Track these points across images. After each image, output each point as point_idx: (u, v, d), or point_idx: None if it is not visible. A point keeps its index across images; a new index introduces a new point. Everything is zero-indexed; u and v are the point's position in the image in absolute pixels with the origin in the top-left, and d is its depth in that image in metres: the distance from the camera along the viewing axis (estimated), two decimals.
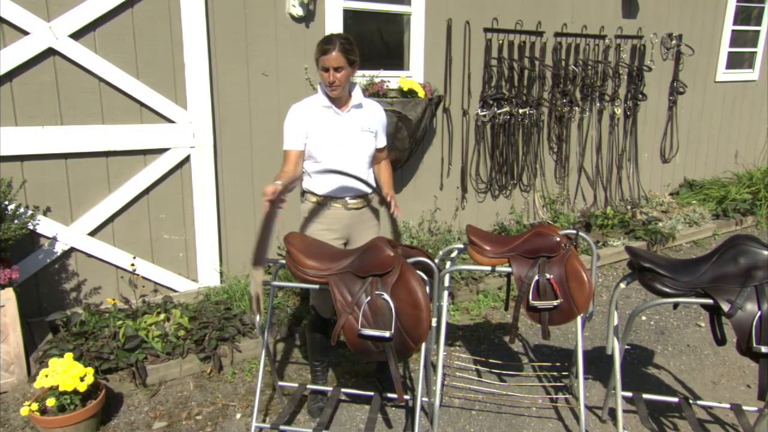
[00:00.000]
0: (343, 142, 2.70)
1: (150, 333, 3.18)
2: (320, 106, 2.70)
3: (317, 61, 2.61)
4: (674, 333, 3.84)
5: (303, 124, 2.68)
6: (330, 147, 2.69)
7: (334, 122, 2.70)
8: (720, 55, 6.62)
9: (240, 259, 4.14)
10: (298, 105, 2.73)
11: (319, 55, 2.59)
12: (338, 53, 2.56)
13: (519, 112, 5.20)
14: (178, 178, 3.81)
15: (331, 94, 2.65)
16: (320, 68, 2.61)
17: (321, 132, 2.68)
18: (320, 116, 2.69)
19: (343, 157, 2.70)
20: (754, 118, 7.28)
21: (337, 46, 2.55)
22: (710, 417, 2.89)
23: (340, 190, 2.74)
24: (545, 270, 2.56)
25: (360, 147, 2.73)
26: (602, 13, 5.55)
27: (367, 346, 2.28)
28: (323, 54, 2.57)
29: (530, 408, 2.95)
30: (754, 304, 2.25)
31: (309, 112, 2.69)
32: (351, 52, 2.62)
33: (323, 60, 2.58)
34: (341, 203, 2.76)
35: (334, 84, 2.59)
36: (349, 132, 2.71)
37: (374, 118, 2.81)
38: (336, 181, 2.72)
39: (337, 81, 2.58)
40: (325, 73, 2.59)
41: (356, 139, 2.72)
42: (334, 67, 2.56)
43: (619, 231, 5.45)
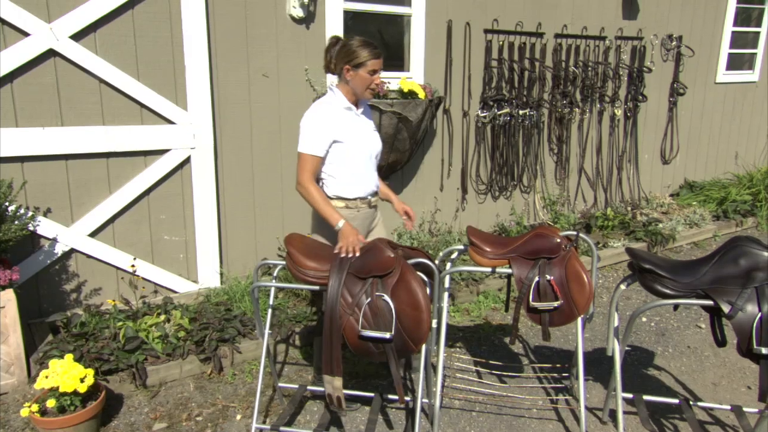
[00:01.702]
0: (366, 143, 2.76)
1: (150, 334, 3.18)
2: (342, 108, 2.69)
3: (361, 65, 2.61)
4: (675, 334, 3.84)
5: (330, 130, 2.64)
6: (359, 149, 2.72)
7: (356, 124, 2.73)
8: (720, 57, 6.62)
9: (240, 260, 4.14)
10: (323, 108, 2.65)
11: (367, 59, 2.60)
12: (382, 57, 2.66)
13: (519, 113, 5.20)
14: (178, 179, 3.81)
15: (368, 96, 2.71)
16: (367, 71, 2.62)
17: (349, 134, 2.68)
18: (345, 119, 2.69)
19: (367, 157, 2.76)
20: (754, 119, 7.28)
21: (380, 50, 2.65)
22: (711, 418, 2.89)
23: (365, 190, 2.79)
24: (546, 271, 2.55)
25: (377, 147, 2.83)
26: (602, 14, 5.56)
27: (368, 348, 2.28)
28: (375, 57, 2.61)
29: (531, 409, 2.94)
30: (755, 306, 2.25)
31: (336, 116, 2.66)
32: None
33: (375, 63, 2.62)
34: (366, 203, 2.81)
35: (378, 86, 2.70)
36: (367, 132, 2.78)
37: (372, 119, 2.90)
38: (365, 182, 2.77)
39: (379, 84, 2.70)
40: (374, 76, 2.65)
41: (373, 138, 2.81)
42: (381, 69, 2.67)
43: (619, 232, 5.45)
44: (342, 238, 2.50)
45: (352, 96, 2.71)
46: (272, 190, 4.20)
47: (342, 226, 2.56)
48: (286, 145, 4.18)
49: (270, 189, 4.19)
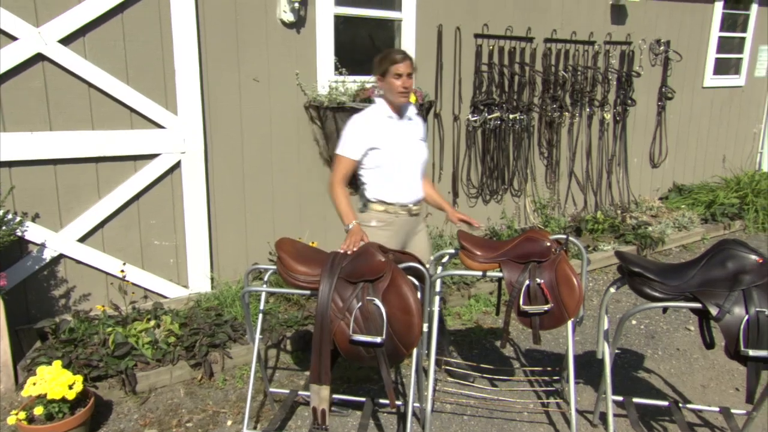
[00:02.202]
0: (407, 152, 2.83)
1: (140, 340, 3.16)
2: (384, 116, 2.81)
3: (386, 72, 2.73)
4: (664, 337, 3.87)
5: (369, 136, 2.76)
6: (398, 156, 2.80)
7: (398, 132, 2.82)
8: (707, 61, 6.70)
9: (231, 264, 4.12)
10: (364, 115, 2.81)
11: (389, 65, 2.72)
12: (408, 62, 2.73)
13: (510, 118, 5.23)
14: (168, 183, 3.79)
15: (402, 100, 2.78)
16: (392, 76, 2.72)
17: (389, 142, 2.78)
18: (386, 126, 2.79)
19: (407, 165, 2.83)
20: (741, 123, 7.37)
21: (407, 56, 2.73)
22: (700, 420, 2.91)
23: (405, 196, 2.85)
24: (536, 275, 2.56)
25: (419, 155, 2.89)
26: (591, 19, 5.60)
27: (359, 352, 2.28)
28: (396, 63, 2.71)
29: (522, 413, 2.95)
30: (742, 308, 2.27)
31: (375, 123, 2.78)
32: (414, 63, 2.79)
33: (396, 68, 2.71)
34: (406, 210, 2.87)
35: (407, 89, 2.74)
36: (410, 141, 2.86)
37: (421, 128, 2.97)
38: (404, 189, 2.84)
39: (409, 86, 2.74)
40: (398, 80, 2.72)
41: (416, 147, 2.88)
42: (407, 73, 2.72)
43: (609, 235, 5.48)
44: (350, 235, 2.60)
45: (391, 104, 2.81)
46: (263, 195, 4.19)
47: (353, 227, 2.65)
48: (276, 150, 4.18)
49: (261, 193, 4.18)
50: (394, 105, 2.82)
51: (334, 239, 4.49)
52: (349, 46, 4.42)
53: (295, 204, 4.35)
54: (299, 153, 4.29)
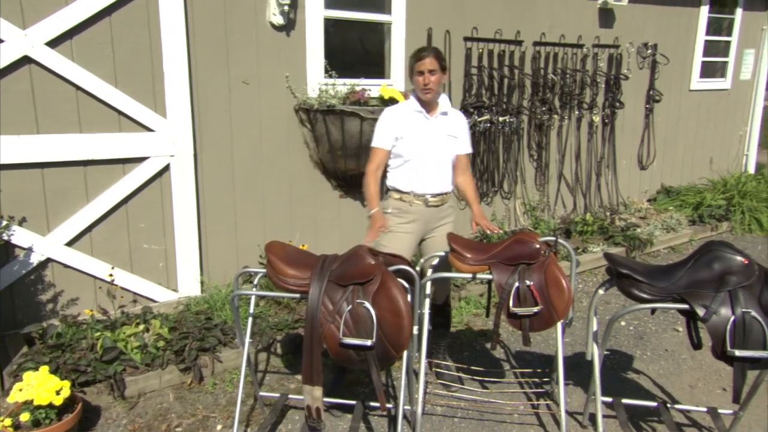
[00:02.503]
0: (430, 145, 2.96)
1: (129, 344, 3.14)
2: (412, 110, 2.97)
3: (412, 69, 2.90)
4: (653, 338, 3.90)
5: (394, 126, 2.95)
6: (418, 148, 2.95)
7: (423, 126, 2.97)
8: (694, 65, 6.77)
9: (221, 268, 4.10)
10: (392, 108, 3.04)
11: (414, 62, 2.88)
12: (432, 58, 2.84)
13: (499, 120, 5.26)
14: (157, 186, 3.77)
15: (425, 97, 2.91)
16: (416, 74, 2.88)
17: (411, 134, 2.95)
18: (411, 119, 2.96)
19: (429, 158, 2.96)
20: (727, 125, 7.45)
21: (431, 53, 2.85)
22: (688, 420, 2.93)
23: (422, 187, 2.98)
24: (525, 277, 2.58)
25: (444, 151, 3.00)
26: (580, 22, 5.65)
27: (349, 355, 2.28)
28: (418, 60, 2.85)
29: (512, 415, 2.96)
30: (728, 309, 2.29)
31: (401, 115, 2.97)
32: (442, 59, 2.89)
33: (419, 65, 2.85)
34: (422, 200, 2.99)
35: (428, 86, 2.86)
36: (436, 136, 2.98)
37: (458, 125, 3.06)
38: (419, 178, 2.97)
39: (431, 84, 2.85)
40: (420, 77, 2.86)
41: (442, 143, 2.99)
42: (429, 70, 2.83)
43: (598, 237, 5.52)
44: (374, 222, 2.87)
45: (420, 100, 2.96)
46: (253, 198, 4.18)
47: (374, 213, 2.90)
48: (266, 152, 4.17)
49: (251, 196, 4.17)
50: (422, 101, 2.95)
51: (325, 242, 4.49)
52: (339, 49, 4.43)
53: (286, 207, 4.34)
54: (289, 156, 4.28)
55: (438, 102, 3.01)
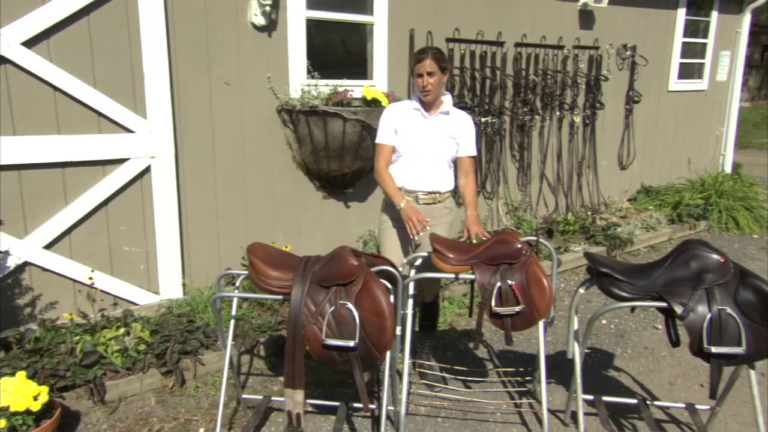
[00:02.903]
0: (424, 143, 2.99)
1: (109, 348, 3.10)
2: (411, 108, 3.03)
3: (413, 71, 2.95)
4: (633, 336, 3.95)
5: (393, 121, 3.02)
6: (412, 145, 2.99)
7: (420, 124, 3.01)
8: (672, 66, 6.88)
9: (203, 270, 4.07)
10: (393, 105, 3.10)
11: (414, 63, 2.93)
12: (431, 60, 2.87)
13: (482, 121, 5.29)
14: (138, 188, 3.73)
15: (425, 98, 2.95)
16: (416, 75, 2.93)
17: (407, 130, 3.00)
18: (410, 117, 3.02)
19: (422, 156, 2.99)
20: (704, 126, 7.58)
21: (429, 55, 2.88)
22: (667, 417, 2.98)
23: (413, 183, 3.03)
24: (507, 276, 2.60)
25: (441, 150, 3.02)
26: (560, 24, 5.70)
27: (332, 356, 2.28)
28: (418, 62, 2.90)
29: (495, 414, 2.98)
30: (705, 307, 2.33)
31: (400, 112, 3.04)
32: (442, 60, 2.92)
33: (418, 67, 2.90)
34: (413, 197, 3.04)
35: (426, 88, 2.90)
36: (432, 135, 3.00)
37: (459, 126, 3.06)
38: (410, 175, 3.02)
39: (430, 85, 2.89)
40: (419, 79, 2.91)
41: (438, 142, 3.01)
42: (428, 72, 2.87)
43: (580, 236, 5.58)
44: (406, 218, 2.87)
45: (420, 99, 3.00)
46: (235, 199, 4.16)
47: (403, 206, 2.91)
48: (249, 154, 4.15)
49: (233, 198, 4.15)
50: (422, 100, 2.99)
51: (308, 243, 4.48)
52: (321, 49, 4.42)
53: (269, 208, 4.32)
54: (272, 157, 4.27)
55: (442, 101, 3.03)
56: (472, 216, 3.04)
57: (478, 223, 3.02)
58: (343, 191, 4.61)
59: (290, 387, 2.28)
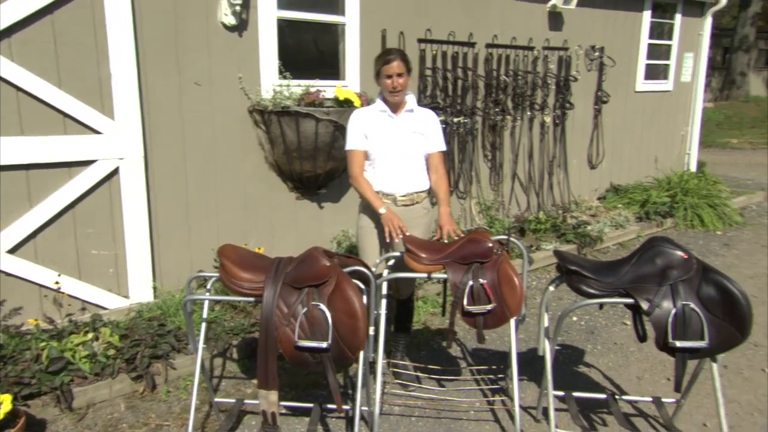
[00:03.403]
0: (394, 143, 3.01)
1: (77, 354, 3.03)
2: (377, 110, 3.06)
3: (379, 72, 2.97)
4: (603, 332, 4.03)
5: (361, 126, 3.03)
6: (383, 147, 3.01)
7: (387, 124, 3.03)
8: (638, 67, 7.04)
9: (174, 273, 4.01)
10: (358, 110, 3.12)
11: (381, 66, 2.94)
12: (399, 61, 2.91)
13: (454, 121, 5.33)
14: (106, 190, 3.66)
15: (394, 98, 2.98)
16: (383, 77, 2.95)
17: (376, 133, 3.01)
18: (376, 119, 3.04)
19: (394, 156, 3.01)
20: (670, 126, 7.77)
21: (397, 56, 2.92)
22: (635, 411, 3.05)
23: (389, 186, 3.04)
24: (479, 275, 2.62)
25: (411, 147, 3.05)
26: (530, 25, 5.78)
27: (305, 358, 2.27)
28: (386, 63, 2.92)
29: (468, 411, 3.01)
30: (670, 302, 2.39)
31: (366, 116, 3.05)
32: (407, 61, 2.97)
33: (386, 69, 2.92)
34: (391, 199, 3.05)
35: (397, 89, 2.93)
36: (400, 133, 3.03)
37: (425, 122, 3.09)
38: (385, 177, 3.03)
39: (399, 86, 2.93)
40: (389, 80, 2.93)
41: (407, 140, 3.03)
42: (397, 73, 2.91)
43: (551, 235, 5.66)
44: (385, 223, 2.89)
45: (386, 100, 3.03)
46: (207, 201, 4.11)
47: (384, 212, 2.92)
48: (220, 155, 4.11)
49: (205, 199, 4.10)
50: (388, 101, 3.02)
51: (281, 244, 4.45)
52: (293, 50, 4.40)
53: (241, 210, 4.29)
54: (244, 158, 4.23)
55: (405, 101, 3.06)
56: (446, 213, 3.06)
57: (451, 221, 3.05)
58: (317, 192, 4.59)
59: (264, 388, 2.27)
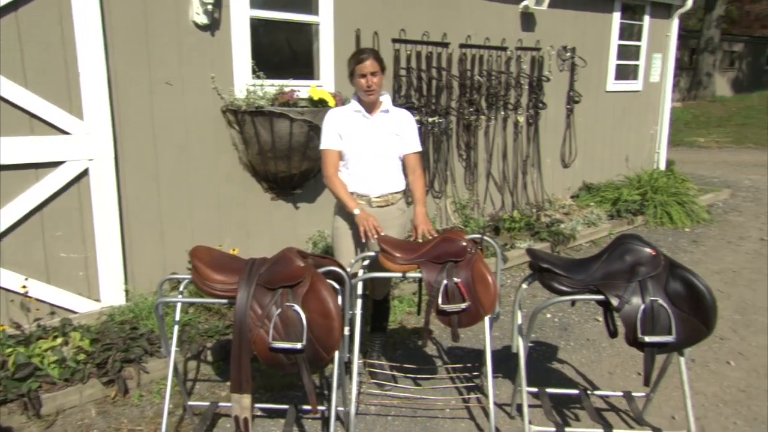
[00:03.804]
0: (369, 143, 2.99)
1: (45, 359, 2.97)
2: (352, 111, 3.03)
3: (353, 72, 2.94)
4: (576, 328, 4.09)
5: (335, 126, 3.01)
6: (358, 147, 2.99)
7: (362, 124, 3.01)
8: (609, 67, 7.16)
9: (147, 275, 3.95)
10: (333, 110, 3.10)
11: (354, 66, 2.92)
12: (373, 60, 2.89)
13: (428, 121, 5.36)
14: (75, 192, 3.59)
15: (368, 98, 2.96)
16: (357, 77, 2.92)
17: (351, 133, 2.99)
18: (351, 119, 3.02)
19: (369, 156, 3.00)
20: (640, 125, 7.93)
21: (371, 55, 2.90)
22: (607, 405, 3.10)
23: (364, 187, 3.03)
24: (453, 274, 2.64)
25: (386, 148, 3.04)
26: (503, 26, 5.84)
27: (279, 359, 2.26)
28: (359, 63, 2.89)
29: (444, 410, 3.03)
30: (639, 298, 2.45)
31: (341, 116, 3.03)
32: (381, 60, 2.95)
33: (360, 68, 2.89)
34: (365, 200, 3.04)
35: (371, 88, 2.91)
36: (375, 134, 3.01)
37: (401, 122, 3.08)
38: (360, 178, 3.02)
39: (374, 85, 2.91)
40: (363, 80, 2.91)
41: (383, 140, 3.02)
42: (371, 72, 2.89)
43: (525, 233, 5.73)
44: (360, 223, 2.87)
45: (361, 100, 3.01)
46: (180, 202, 4.06)
47: (358, 213, 2.90)
48: (193, 155, 4.06)
49: (178, 200, 4.04)
50: (363, 101, 3.00)
51: (256, 246, 4.42)
52: (267, 49, 4.37)
53: (215, 211, 4.24)
54: (217, 158, 4.19)
55: (381, 101, 3.05)
56: (421, 213, 3.08)
57: (426, 221, 3.07)
58: (292, 192, 4.57)
59: (237, 392, 2.25)
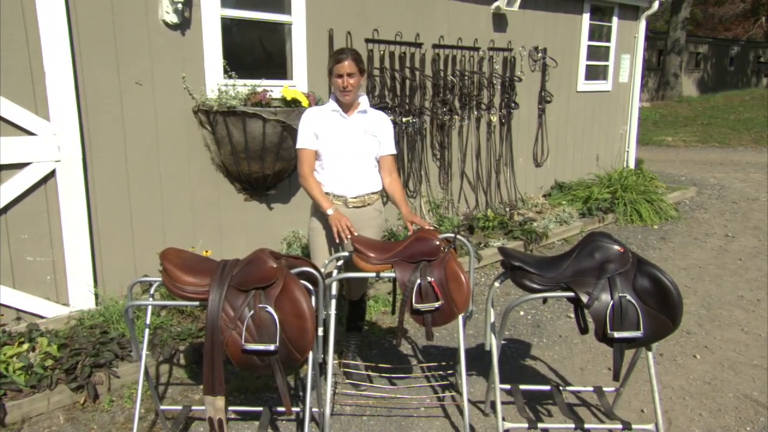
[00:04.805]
0: (346, 143, 2.99)
1: (10, 366, 2.90)
2: (329, 110, 3.03)
3: (331, 71, 2.94)
4: (548, 325, 4.15)
5: (312, 125, 3.00)
6: (334, 147, 2.99)
7: (339, 124, 3.01)
8: (579, 68, 7.29)
9: (117, 278, 3.88)
10: (310, 109, 3.08)
11: (333, 65, 2.92)
12: (350, 61, 2.89)
13: (403, 121, 5.37)
14: (42, 194, 3.51)
15: (345, 98, 2.96)
16: (335, 76, 2.92)
17: (327, 132, 2.99)
18: (328, 119, 3.01)
19: (345, 156, 2.99)
20: (610, 124, 8.08)
21: (349, 56, 2.90)
22: (578, 400, 3.16)
23: (341, 187, 3.02)
24: (426, 273, 2.66)
25: (363, 148, 3.03)
26: (475, 26, 5.89)
27: (253, 361, 2.25)
28: (337, 63, 2.90)
29: (419, 408, 3.05)
30: (608, 295, 2.50)
31: (318, 116, 3.02)
32: (360, 61, 2.96)
33: (337, 68, 2.90)
34: (342, 201, 3.04)
35: (347, 89, 2.91)
36: (352, 134, 3.01)
37: (378, 124, 3.08)
38: (336, 178, 3.01)
39: (350, 86, 2.91)
40: (339, 80, 2.90)
41: (359, 140, 3.02)
42: (348, 73, 2.89)
43: (499, 232, 5.79)
44: (333, 223, 2.84)
45: (338, 100, 3.00)
46: (151, 203, 4.00)
47: (331, 213, 2.88)
48: (164, 156, 4.00)
49: (149, 202, 3.98)
50: (340, 101, 3.00)
51: (230, 247, 4.38)
52: (239, 49, 4.33)
53: (187, 212, 4.19)
54: (189, 159, 4.13)
55: (359, 102, 3.05)
56: (407, 211, 3.10)
57: (416, 215, 3.11)
58: (266, 193, 4.54)
59: (210, 394, 2.23)
